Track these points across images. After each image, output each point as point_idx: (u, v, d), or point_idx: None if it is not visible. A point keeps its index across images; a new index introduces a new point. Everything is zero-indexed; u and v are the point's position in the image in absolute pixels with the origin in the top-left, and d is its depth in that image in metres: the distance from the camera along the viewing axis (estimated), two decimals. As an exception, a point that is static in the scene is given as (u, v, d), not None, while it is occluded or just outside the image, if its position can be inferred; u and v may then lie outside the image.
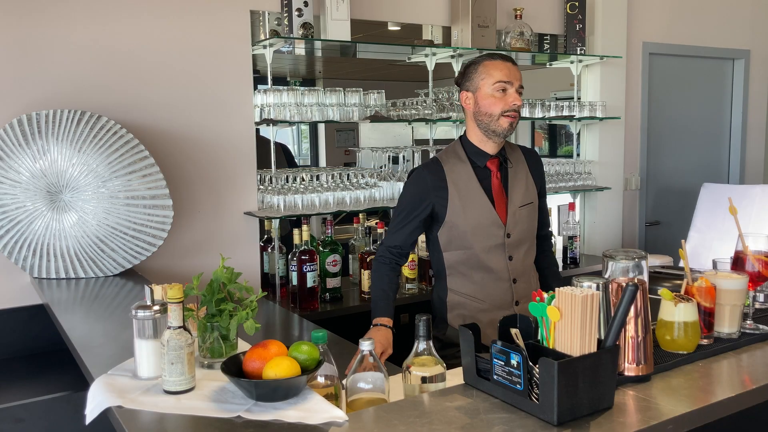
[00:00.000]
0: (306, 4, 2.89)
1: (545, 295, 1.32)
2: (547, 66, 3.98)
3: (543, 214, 2.33)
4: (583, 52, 3.77)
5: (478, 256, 2.11)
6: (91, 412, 1.36)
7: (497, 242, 2.11)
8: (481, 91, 2.06)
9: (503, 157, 2.17)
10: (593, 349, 1.25)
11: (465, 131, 2.18)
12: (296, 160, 5.41)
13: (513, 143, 2.27)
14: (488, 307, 2.13)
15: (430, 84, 3.46)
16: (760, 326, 1.71)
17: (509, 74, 2.04)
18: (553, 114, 3.69)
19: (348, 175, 3.13)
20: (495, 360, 1.29)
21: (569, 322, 1.26)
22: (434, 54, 3.36)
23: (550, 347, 1.29)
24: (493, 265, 2.12)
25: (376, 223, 3.06)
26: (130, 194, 2.45)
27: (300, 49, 3.22)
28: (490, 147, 2.12)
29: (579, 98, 3.96)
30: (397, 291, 2.16)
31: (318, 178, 3.05)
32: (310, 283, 2.82)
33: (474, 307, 2.14)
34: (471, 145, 2.14)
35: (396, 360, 1.97)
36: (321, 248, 2.94)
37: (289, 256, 2.87)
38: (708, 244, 3.06)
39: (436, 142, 3.45)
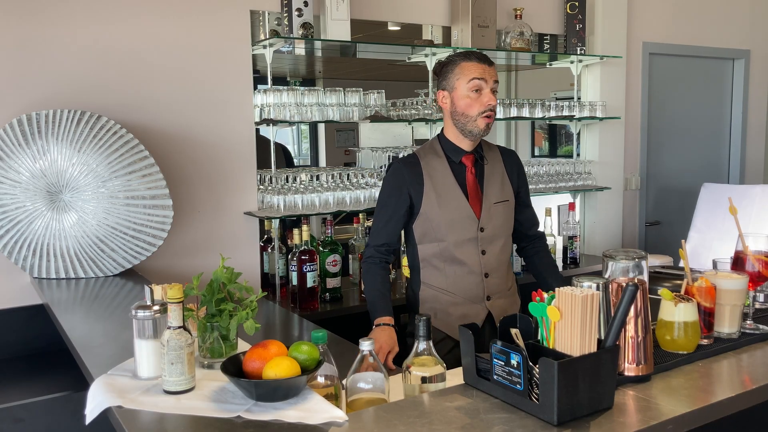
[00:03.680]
0: (306, 4, 2.89)
1: (545, 295, 1.32)
2: (547, 66, 3.98)
3: (530, 214, 2.35)
4: (583, 52, 3.76)
5: (451, 248, 2.15)
6: (91, 412, 1.36)
7: (470, 236, 2.15)
8: (457, 91, 2.11)
9: (479, 154, 2.22)
10: (593, 349, 1.25)
11: (442, 129, 2.23)
12: (295, 161, 5.41)
13: (491, 143, 2.32)
14: (460, 301, 2.17)
15: (430, 84, 3.45)
16: (760, 326, 1.71)
17: (483, 72, 2.09)
18: (553, 114, 3.69)
19: (348, 175, 3.13)
20: (495, 360, 1.29)
21: (569, 322, 1.26)
22: (434, 54, 3.36)
23: (550, 347, 1.29)
24: (466, 258, 2.15)
25: (376, 223, 3.05)
26: (130, 194, 2.45)
27: (300, 49, 3.22)
28: (466, 144, 2.18)
29: (579, 98, 3.96)
30: (391, 289, 2.18)
31: (318, 178, 3.05)
32: (310, 283, 2.82)
33: (446, 301, 2.17)
34: (447, 142, 2.20)
35: (396, 360, 1.97)
36: (321, 248, 2.94)
37: (289, 256, 2.87)
38: (708, 244, 3.06)
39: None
